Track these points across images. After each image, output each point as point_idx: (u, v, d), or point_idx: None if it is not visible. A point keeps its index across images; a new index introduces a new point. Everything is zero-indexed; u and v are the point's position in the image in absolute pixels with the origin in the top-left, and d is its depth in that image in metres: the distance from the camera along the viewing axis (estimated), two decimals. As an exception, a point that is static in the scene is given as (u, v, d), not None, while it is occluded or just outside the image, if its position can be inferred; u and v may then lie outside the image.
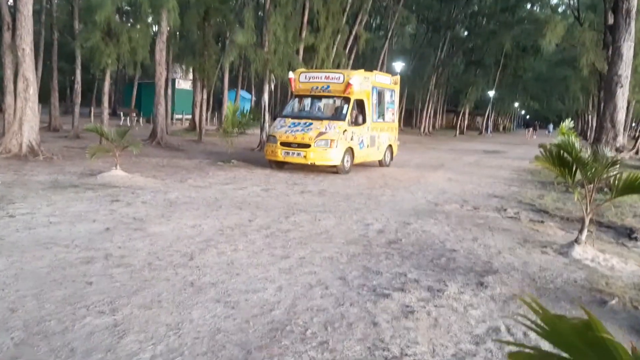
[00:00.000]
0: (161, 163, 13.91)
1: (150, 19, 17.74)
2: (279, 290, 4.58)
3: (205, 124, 25.42)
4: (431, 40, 50.05)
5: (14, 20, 13.41)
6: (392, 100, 16.69)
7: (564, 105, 59.67)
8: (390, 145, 16.34)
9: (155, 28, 21.99)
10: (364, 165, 15.34)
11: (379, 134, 15.46)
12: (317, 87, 14.41)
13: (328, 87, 14.24)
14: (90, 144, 13.21)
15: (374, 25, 45.67)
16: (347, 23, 25.49)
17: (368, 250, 6.10)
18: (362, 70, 15.22)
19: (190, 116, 30.88)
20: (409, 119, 54.49)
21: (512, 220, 8.71)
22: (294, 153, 13.29)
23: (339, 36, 23.79)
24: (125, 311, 3.96)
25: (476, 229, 7.75)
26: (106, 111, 17.42)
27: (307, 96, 14.83)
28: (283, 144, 13.40)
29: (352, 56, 27.89)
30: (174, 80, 34.72)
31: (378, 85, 15.48)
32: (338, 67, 24.55)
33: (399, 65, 30.69)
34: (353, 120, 13.87)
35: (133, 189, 9.38)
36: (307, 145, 13.13)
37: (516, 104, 72.54)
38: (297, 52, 20.54)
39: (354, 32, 26.43)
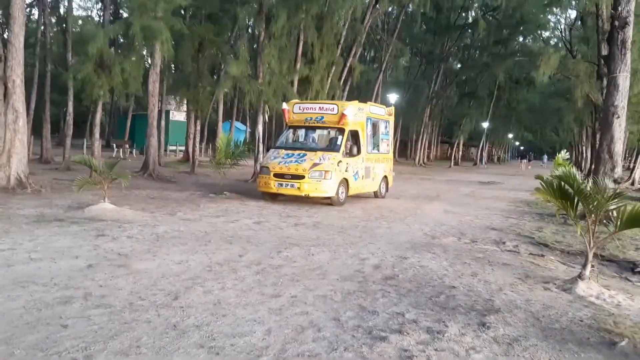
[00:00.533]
0: (152, 195, 13.62)
1: (143, 51, 17.64)
2: (267, 333, 4.26)
3: (199, 156, 25.25)
4: (425, 72, 50.54)
5: (4, 51, 13.28)
6: (387, 131, 16.55)
7: (558, 137, 60.06)
8: (385, 177, 16.13)
9: (149, 60, 21.98)
10: (359, 197, 15.11)
11: (374, 165, 15.25)
12: (311, 118, 14.25)
13: (322, 118, 14.08)
14: (80, 176, 12.93)
15: (368, 57, 46.10)
16: (341, 55, 25.60)
17: (364, 288, 5.81)
18: (357, 102, 15.06)
19: (184, 148, 30.74)
20: (403, 150, 54.59)
21: (512, 254, 8.44)
22: (287, 184, 12.97)
23: (334, 68, 23.83)
24: (100, 358, 3.65)
25: (475, 263, 7.48)
26: (97, 142, 17.22)
27: (301, 127, 14.65)
28: (276, 175, 13.10)
29: (347, 88, 27.95)
30: (168, 112, 34.66)
31: (373, 116, 15.36)
32: (333, 98, 24.55)
33: (393, 97, 30.77)
34: (347, 151, 13.72)
35: (120, 222, 9.08)
36: (301, 177, 12.82)
37: (510, 135, 72.95)
38: (292, 83, 20.50)
39: (348, 64, 26.54)
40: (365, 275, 6.37)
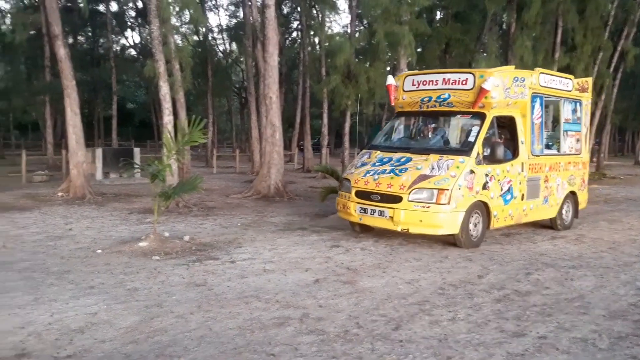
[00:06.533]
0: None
1: (387, 57, 17.63)
2: (501, 390, 3.33)
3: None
4: None
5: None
6: (577, 117, 10.06)
7: None
8: (572, 193, 9.83)
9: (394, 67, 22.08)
10: (635, 197, 12.50)
11: (549, 176, 9.15)
12: (429, 98, 8.60)
13: (447, 96, 8.35)
14: (323, 185, 13.33)
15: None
16: (610, 39, 22.20)
17: (642, 331, 4.38)
18: (512, 68, 8.90)
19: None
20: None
21: None
22: (373, 210, 7.87)
23: (601, 54, 20.76)
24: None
25: None
26: (347, 152, 17.77)
27: (414, 113, 9.20)
28: (359, 193, 8.13)
29: (618, 75, 24.19)
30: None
31: (545, 92, 9.10)
32: (601, 90, 21.39)
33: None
34: (489, 152, 7.90)
35: (358, 232, 8.87)
36: (397, 198, 7.59)
37: None
38: (549, 75, 18.34)
39: (619, 49, 22.90)
40: (645, 312, 4.87)
